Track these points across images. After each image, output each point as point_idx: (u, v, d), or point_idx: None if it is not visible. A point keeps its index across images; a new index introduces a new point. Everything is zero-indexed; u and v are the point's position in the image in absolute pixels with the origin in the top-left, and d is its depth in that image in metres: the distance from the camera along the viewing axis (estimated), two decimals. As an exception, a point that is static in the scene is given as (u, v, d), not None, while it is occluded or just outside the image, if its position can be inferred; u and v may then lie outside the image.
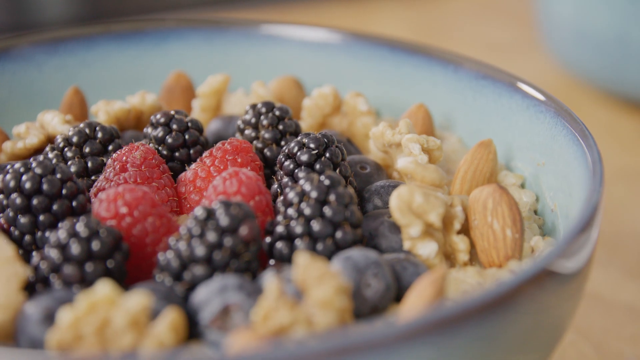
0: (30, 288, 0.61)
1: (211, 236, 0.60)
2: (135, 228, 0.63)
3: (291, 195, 0.64)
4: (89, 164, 0.73)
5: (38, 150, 0.79)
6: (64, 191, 0.65)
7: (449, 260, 0.68)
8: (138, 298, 0.55)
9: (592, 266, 0.64)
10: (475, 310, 0.52)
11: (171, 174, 0.72)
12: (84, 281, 0.60)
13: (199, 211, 0.61)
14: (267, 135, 0.75)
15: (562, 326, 0.62)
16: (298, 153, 0.70)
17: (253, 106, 0.77)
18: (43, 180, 0.65)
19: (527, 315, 0.55)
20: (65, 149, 0.73)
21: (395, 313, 0.60)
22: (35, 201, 0.64)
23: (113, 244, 0.61)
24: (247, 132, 0.76)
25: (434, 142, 0.73)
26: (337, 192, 0.63)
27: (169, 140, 0.74)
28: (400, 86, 0.89)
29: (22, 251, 0.66)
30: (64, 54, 0.92)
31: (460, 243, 0.67)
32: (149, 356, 0.51)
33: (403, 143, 0.73)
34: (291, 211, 0.63)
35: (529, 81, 0.79)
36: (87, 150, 0.73)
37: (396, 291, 0.62)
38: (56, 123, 0.79)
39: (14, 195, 0.64)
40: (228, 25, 0.96)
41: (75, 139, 0.73)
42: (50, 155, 0.73)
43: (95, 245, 0.60)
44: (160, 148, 0.75)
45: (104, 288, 0.55)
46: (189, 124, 0.75)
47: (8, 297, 0.59)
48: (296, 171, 0.70)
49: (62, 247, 0.60)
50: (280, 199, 0.66)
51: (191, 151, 0.75)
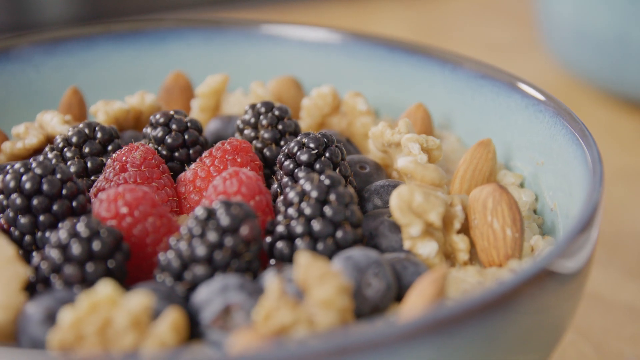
0: (30, 288, 0.61)
1: (212, 236, 0.60)
2: (135, 228, 0.63)
3: (291, 195, 0.64)
4: (89, 164, 0.73)
5: (37, 150, 0.79)
6: (64, 191, 0.65)
7: (449, 259, 0.68)
8: (139, 298, 0.55)
9: (592, 266, 0.64)
10: (476, 309, 0.52)
11: (171, 174, 0.72)
12: (85, 281, 0.60)
13: (200, 211, 0.61)
14: (267, 135, 0.75)
15: (562, 326, 0.62)
16: (298, 153, 0.70)
17: (252, 106, 0.77)
18: (43, 180, 0.64)
19: (527, 315, 0.55)
20: (64, 149, 0.73)
21: (396, 312, 0.60)
22: (35, 201, 0.64)
23: (114, 244, 0.61)
24: (247, 132, 0.76)
25: (434, 142, 0.73)
26: (338, 192, 0.63)
27: (169, 140, 0.74)
28: (399, 86, 0.89)
29: (22, 251, 0.65)
30: (63, 54, 0.92)
31: (460, 242, 0.67)
32: (151, 356, 0.50)
33: (402, 143, 0.73)
34: (291, 211, 0.63)
35: (528, 80, 0.79)
36: (87, 150, 0.73)
37: (397, 291, 0.62)
38: (55, 123, 0.79)
39: (14, 195, 0.64)
40: (227, 25, 0.95)
41: (74, 139, 0.73)
42: (49, 155, 0.73)
43: (96, 245, 0.60)
44: (159, 148, 0.74)
45: (106, 288, 0.55)
46: (189, 124, 0.75)
47: (9, 298, 0.59)
48: (296, 171, 0.70)
49: (63, 247, 0.60)
50: (280, 199, 0.66)
51: (191, 151, 0.75)
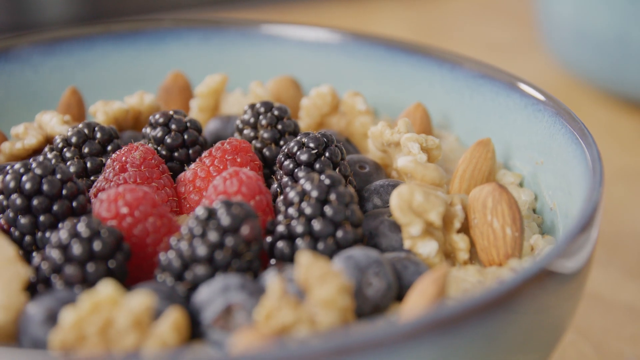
0: (31, 289, 0.61)
1: (213, 236, 0.60)
2: (136, 228, 0.63)
3: (292, 194, 0.64)
4: (88, 165, 0.73)
5: (37, 150, 0.79)
6: (64, 192, 0.65)
7: (449, 259, 0.68)
8: (141, 298, 0.55)
9: (592, 266, 0.64)
10: (476, 309, 0.52)
11: (170, 174, 0.72)
12: (86, 281, 0.59)
13: (200, 211, 0.61)
14: (266, 135, 0.75)
15: (562, 326, 0.62)
16: (298, 152, 0.70)
17: (252, 106, 0.77)
18: (43, 180, 0.64)
19: (527, 314, 0.55)
20: (64, 150, 0.73)
21: (397, 312, 0.60)
22: (35, 202, 0.64)
23: (114, 244, 0.61)
24: (246, 132, 0.76)
25: (433, 141, 0.73)
26: (338, 192, 0.63)
27: (168, 140, 0.74)
28: (398, 85, 0.89)
29: (23, 252, 0.65)
30: (62, 54, 0.92)
31: (460, 242, 0.67)
32: (152, 356, 0.50)
33: (402, 142, 0.73)
34: (292, 211, 0.63)
35: (527, 80, 0.79)
36: (86, 150, 0.73)
37: (397, 290, 0.62)
38: (54, 123, 0.79)
39: (14, 195, 0.64)
40: (226, 25, 0.95)
41: (74, 140, 0.73)
42: (49, 155, 0.73)
43: (96, 245, 0.60)
44: (159, 148, 0.74)
45: (107, 288, 0.55)
46: (188, 124, 0.75)
47: (10, 298, 0.59)
48: (296, 171, 0.70)
49: (64, 248, 0.60)
50: (280, 199, 0.66)
51: (190, 151, 0.75)
